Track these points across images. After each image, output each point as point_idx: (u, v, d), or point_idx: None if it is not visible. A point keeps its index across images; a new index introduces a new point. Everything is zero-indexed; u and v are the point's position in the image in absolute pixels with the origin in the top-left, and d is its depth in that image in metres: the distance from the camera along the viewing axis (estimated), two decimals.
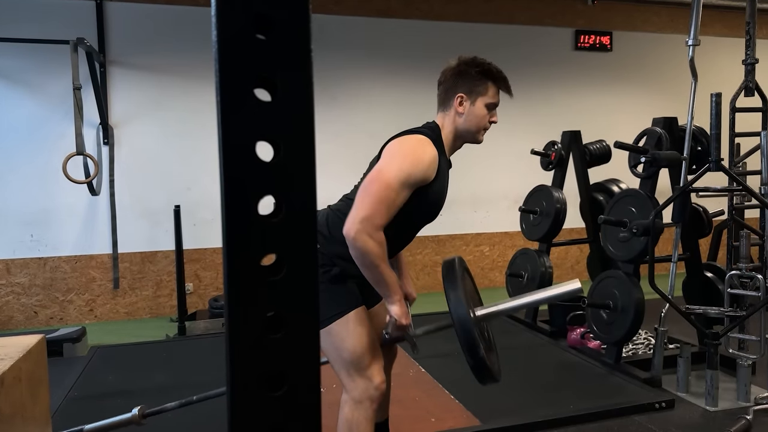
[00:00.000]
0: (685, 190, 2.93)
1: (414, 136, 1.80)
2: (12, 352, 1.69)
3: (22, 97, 4.51)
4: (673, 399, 2.84)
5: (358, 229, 1.62)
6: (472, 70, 1.86)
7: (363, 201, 1.65)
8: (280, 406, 0.48)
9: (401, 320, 1.75)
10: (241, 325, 0.47)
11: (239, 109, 0.45)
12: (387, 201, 1.65)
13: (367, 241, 1.62)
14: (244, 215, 0.46)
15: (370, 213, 1.63)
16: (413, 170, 1.70)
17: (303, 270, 0.48)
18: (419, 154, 1.73)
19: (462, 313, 1.73)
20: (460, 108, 1.86)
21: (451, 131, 1.88)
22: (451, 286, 1.77)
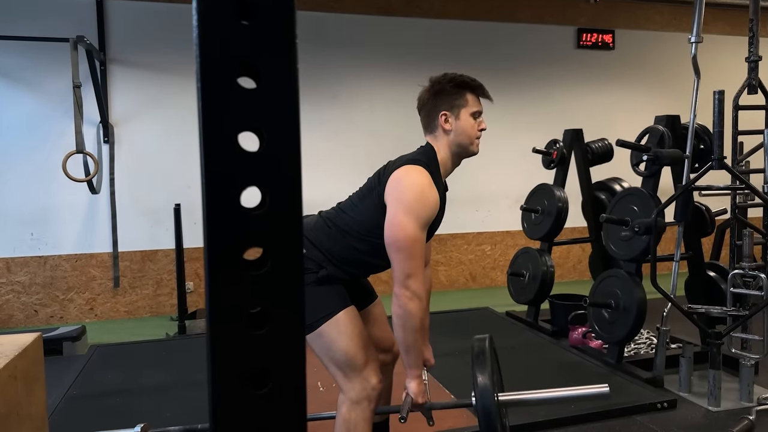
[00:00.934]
0: (687, 188, 2.91)
1: (415, 168, 1.78)
2: (7, 350, 1.68)
3: (22, 96, 4.50)
4: (675, 399, 2.82)
5: (412, 291, 1.70)
6: (446, 86, 1.86)
7: (402, 261, 1.71)
8: (264, 405, 0.46)
9: (417, 399, 1.80)
10: (222, 321, 0.45)
11: (221, 97, 0.43)
12: (420, 252, 1.72)
13: (417, 304, 1.70)
14: (226, 207, 0.44)
15: (413, 269, 1.70)
16: (425, 214, 1.75)
17: (288, 264, 0.46)
18: (427, 196, 1.75)
19: (488, 401, 1.74)
20: (446, 125, 1.86)
21: (446, 150, 1.88)
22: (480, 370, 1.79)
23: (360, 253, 1.79)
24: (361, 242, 1.80)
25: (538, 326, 4.11)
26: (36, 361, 1.87)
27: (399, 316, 1.71)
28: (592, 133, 4.37)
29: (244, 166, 0.45)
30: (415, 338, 1.73)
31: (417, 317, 1.70)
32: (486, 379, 1.76)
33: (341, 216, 1.85)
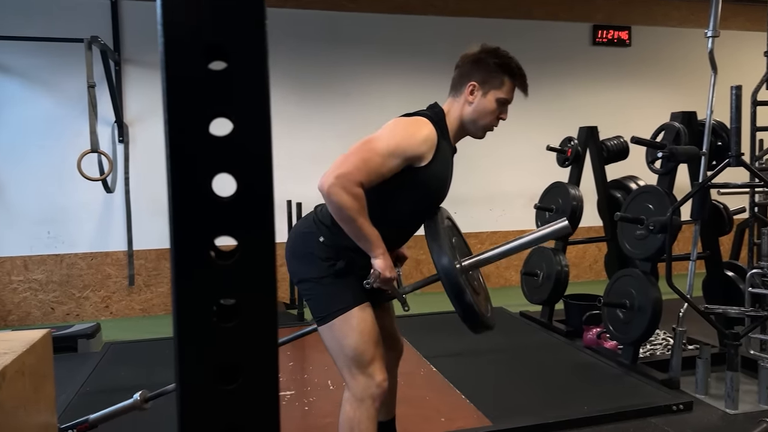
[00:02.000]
0: (703, 185, 2.84)
1: (412, 117, 1.77)
2: (15, 346, 1.69)
3: (39, 96, 4.56)
4: (692, 401, 2.76)
5: (332, 183, 1.60)
6: (491, 60, 1.79)
7: (343, 159, 1.64)
8: (234, 401, 0.45)
9: (385, 273, 1.71)
10: (189, 312, 0.43)
11: (188, 78, 0.42)
12: (369, 163, 1.63)
13: (342, 195, 1.60)
14: (193, 193, 0.43)
15: (348, 170, 1.61)
16: (403, 143, 1.68)
17: (259, 253, 0.44)
18: (412, 130, 1.70)
19: (445, 261, 1.71)
20: (470, 97, 1.80)
21: (457, 119, 1.82)
22: (433, 237, 1.75)
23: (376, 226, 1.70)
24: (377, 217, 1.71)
25: (552, 327, 4.06)
26: (44, 358, 1.88)
27: (332, 211, 1.64)
28: (608, 131, 4.31)
29: (213, 151, 0.43)
30: (359, 225, 1.63)
31: (347, 207, 1.60)
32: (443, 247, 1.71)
33: None
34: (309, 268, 1.77)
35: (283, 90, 5.07)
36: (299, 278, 1.80)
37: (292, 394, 2.97)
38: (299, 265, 1.80)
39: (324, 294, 1.74)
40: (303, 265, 1.79)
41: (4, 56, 4.48)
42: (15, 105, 4.53)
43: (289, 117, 5.08)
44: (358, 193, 1.62)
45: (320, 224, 1.78)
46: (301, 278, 1.79)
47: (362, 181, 1.62)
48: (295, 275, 1.82)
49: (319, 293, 1.76)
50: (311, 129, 5.13)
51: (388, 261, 1.72)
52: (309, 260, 1.77)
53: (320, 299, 1.75)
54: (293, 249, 1.83)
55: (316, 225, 1.79)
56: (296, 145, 5.08)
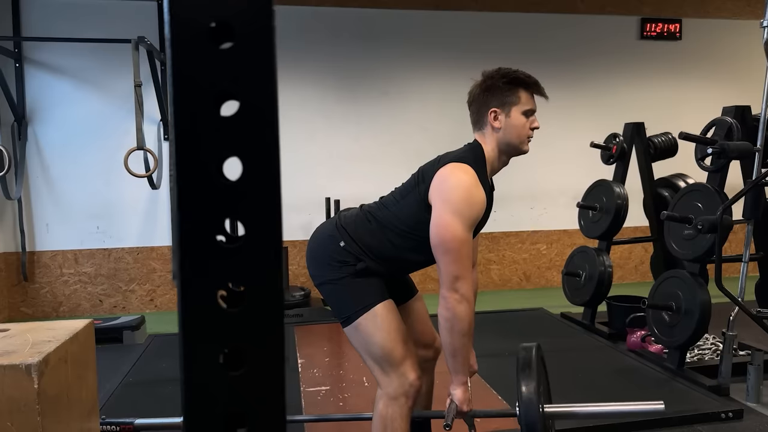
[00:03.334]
0: (757, 183, 2.71)
1: (461, 167, 1.73)
2: (59, 335, 1.75)
3: (89, 96, 4.73)
4: (742, 409, 2.63)
5: (461, 294, 1.66)
6: (499, 82, 1.78)
7: (449, 263, 1.67)
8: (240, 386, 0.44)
9: (462, 407, 1.75)
10: (194, 298, 0.43)
11: (193, 57, 0.41)
12: (467, 254, 1.68)
13: (466, 307, 1.66)
14: (200, 176, 0.42)
15: (461, 272, 1.66)
16: (471, 214, 1.70)
17: (266, 237, 0.43)
18: (473, 196, 1.70)
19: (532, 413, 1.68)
20: (495, 123, 1.79)
21: (494, 148, 1.81)
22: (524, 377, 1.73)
23: (398, 250, 1.75)
24: (401, 238, 1.76)
25: (595, 329, 3.95)
26: (87, 347, 1.93)
27: (447, 319, 1.67)
28: (657, 128, 4.16)
29: (220, 133, 0.42)
30: (463, 343, 1.68)
31: (465, 321, 1.66)
32: (531, 390, 1.69)
33: (383, 211, 1.82)
34: (328, 271, 1.78)
35: (322, 88, 5.10)
36: (319, 281, 1.82)
37: (328, 389, 2.98)
38: (318, 267, 1.82)
39: (345, 295, 1.75)
40: (322, 267, 1.80)
41: (58, 58, 4.66)
42: (68, 105, 4.71)
43: (327, 115, 5.11)
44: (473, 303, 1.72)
45: (342, 230, 1.80)
46: (321, 281, 1.81)
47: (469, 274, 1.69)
48: (315, 278, 1.84)
49: (339, 294, 1.76)
50: (349, 127, 5.15)
51: (467, 394, 1.76)
52: (328, 262, 1.79)
53: (341, 300, 1.76)
54: (313, 252, 1.85)
55: (338, 230, 1.81)
56: (334, 143, 5.10)
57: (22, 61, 4.60)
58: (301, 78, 5.04)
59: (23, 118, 4.60)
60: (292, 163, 5.04)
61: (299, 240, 4.98)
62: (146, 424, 2.26)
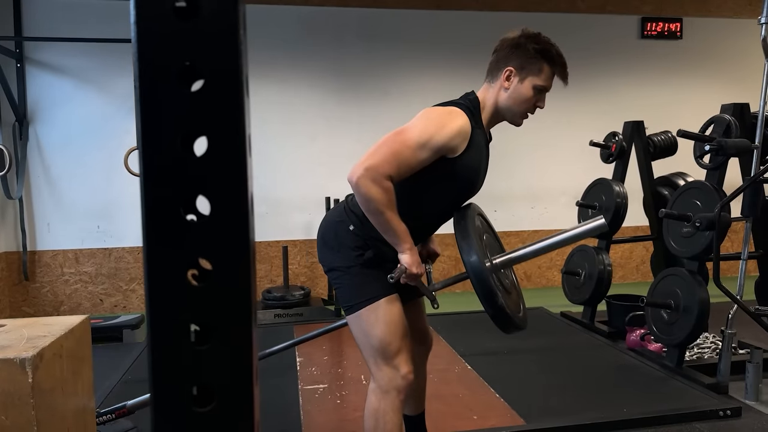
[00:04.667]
0: (755, 180, 2.70)
1: (446, 107, 1.73)
2: (55, 330, 1.75)
3: (90, 95, 4.74)
4: (740, 407, 2.62)
5: (361, 175, 1.58)
6: (530, 45, 1.73)
7: (373, 151, 1.62)
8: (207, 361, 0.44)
9: (411, 269, 1.67)
10: (162, 269, 0.43)
11: (156, 28, 0.41)
12: (399, 155, 1.61)
13: (370, 187, 1.58)
14: (165, 151, 0.42)
15: (378, 162, 1.59)
16: (435, 134, 1.64)
17: (231, 213, 0.44)
18: (445, 120, 1.66)
19: (474, 260, 1.66)
20: (506, 83, 1.75)
21: (492, 105, 1.78)
22: (463, 234, 1.70)
23: (406, 219, 1.69)
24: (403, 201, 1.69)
25: (594, 327, 3.94)
26: (83, 342, 1.94)
27: (360, 202, 1.62)
28: (658, 128, 4.15)
29: (184, 107, 0.42)
30: (387, 218, 1.61)
31: (376, 199, 1.58)
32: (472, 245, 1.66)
33: None
34: (338, 257, 1.77)
35: (322, 89, 5.11)
36: (328, 267, 1.81)
37: (326, 387, 2.98)
38: (328, 253, 1.80)
39: (352, 283, 1.74)
40: (332, 253, 1.79)
41: (59, 58, 4.68)
42: (68, 104, 4.72)
43: (328, 116, 5.11)
44: (387, 186, 1.60)
45: (351, 213, 1.78)
46: (330, 267, 1.80)
47: (391, 174, 1.60)
48: (325, 263, 1.83)
49: (347, 282, 1.75)
50: (350, 127, 5.15)
51: (416, 257, 1.69)
52: (338, 249, 1.77)
53: (348, 288, 1.75)
54: (323, 237, 1.83)
55: (347, 214, 1.79)
56: (335, 143, 5.11)
57: (24, 61, 4.62)
58: (302, 78, 5.05)
59: (24, 118, 4.62)
60: (293, 163, 5.05)
61: (299, 239, 4.98)
62: (138, 403, 2.27)
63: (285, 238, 4.94)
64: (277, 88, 4.97)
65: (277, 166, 4.99)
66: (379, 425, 1.72)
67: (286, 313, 4.35)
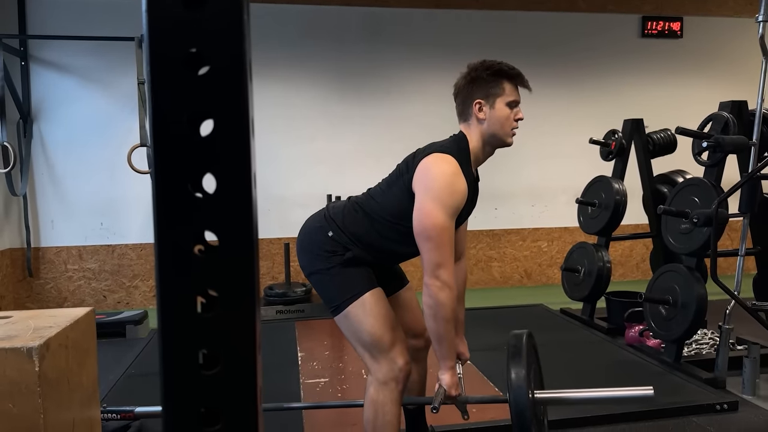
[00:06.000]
0: (752, 176, 2.72)
1: (443, 157, 1.76)
2: (60, 321, 1.78)
3: (93, 93, 4.78)
4: (737, 401, 2.65)
5: (442, 281, 1.68)
6: (483, 73, 1.81)
7: (431, 250, 1.69)
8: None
9: (450, 391, 1.78)
10: (171, 243, 0.46)
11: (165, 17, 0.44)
12: (449, 241, 1.70)
13: (447, 294, 1.68)
14: (175, 135, 0.45)
15: (442, 259, 1.68)
16: (454, 202, 1.72)
17: (237, 188, 0.47)
18: (455, 185, 1.73)
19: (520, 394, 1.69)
20: (480, 114, 1.82)
21: (479, 139, 1.84)
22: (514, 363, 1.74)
23: (384, 240, 1.79)
24: (387, 229, 1.80)
25: (594, 324, 3.97)
26: (87, 334, 1.97)
27: (429, 306, 1.69)
28: (658, 126, 4.18)
29: (191, 89, 0.45)
30: (447, 329, 1.71)
31: (448, 307, 1.68)
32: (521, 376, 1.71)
33: (369, 202, 1.86)
34: (317, 260, 1.82)
35: (324, 88, 5.14)
36: (309, 271, 1.85)
37: (327, 381, 3.01)
38: (308, 258, 1.85)
39: (334, 284, 1.79)
40: (311, 258, 1.84)
41: (63, 56, 4.72)
42: (72, 102, 4.76)
43: (329, 115, 5.14)
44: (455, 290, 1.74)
45: (330, 220, 1.84)
46: (311, 270, 1.84)
47: (453, 263, 1.72)
48: (305, 268, 1.87)
49: (329, 284, 1.80)
50: (352, 126, 5.18)
51: (455, 378, 1.80)
52: (317, 253, 1.82)
53: (331, 289, 1.80)
54: (302, 242, 1.88)
55: (327, 221, 1.85)
56: (337, 142, 5.14)
57: (28, 59, 4.66)
58: (303, 77, 5.08)
59: (28, 116, 4.66)
60: (295, 161, 5.08)
61: None
62: (146, 412, 2.29)
63: (287, 235, 4.97)
64: (279, 87, 5.01)
65: (280, 164, 5.02)
66: (378, 416, 1.76)
67: (287, 310, 4.38)
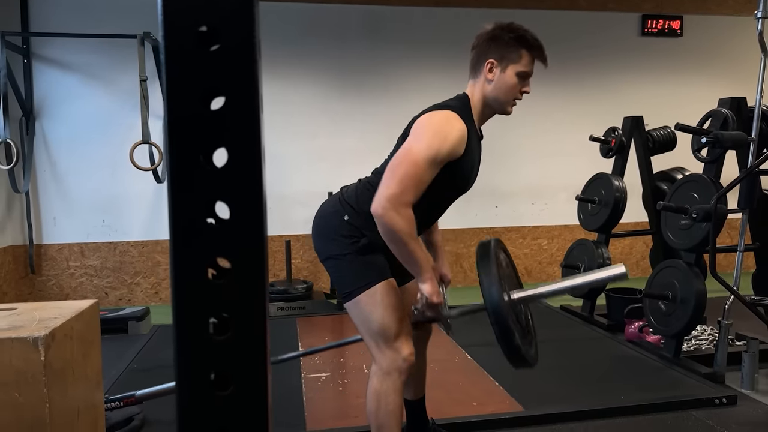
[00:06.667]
0: (750, 171, 2.74)
1: (442, 111, 1.76)
2: (65, 313, 1.80)
3: (95, 91, 4.79)
4: (736, 395, 2.67)
5: (385, 207, 1.61)
6: (506, 35, 1.78)
7: (390, 179, 1.64)
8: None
9: (432, 298, 1.74)
10: (187, 211, 0.48)
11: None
12: (415, 178, 1.64)
13: (395, 218, 1.61)
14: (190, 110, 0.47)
15: (398, 191, 1.62)
16: (441, 147, 1.68)
17: (247, 160, 0.48)
18: (447, 130, 1.70)
19: (495, 297, 1.68)
20: (489, 75, 1.80)
21: (480, 99, 1.83)
22: (485, 269, 1.72)
23: None
24: None
25: (594, 320, 3.98)
26: (91, 325, 1.99)
27: (384, 234, 1.65)
28: (658, 124, 4.19)
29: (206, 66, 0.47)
30: (410, 249, 1.66)
31: (400, 229, 1.61)
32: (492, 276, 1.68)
33: (377, 177, 1.85)
34: (333, 246, 1.82)
35: (325, 86, 5.16)
36: (324, 256, 1.85)
37: (328, 375, 3.03)
38: (323, 242, 1.85)
39: (348, 271, 1.79)
40: (327, 242, 1.84)
41: (65, 54, 4.74)
42: (74, 100, 4.78)
43: (330, 112, 5.16)
44: (409, 215, 1.64)
45: (345, 204, 1.84)
46: (326, 256, 1.85)
47: (412, 199, 1.65)
48: (321, 253, 1.87)
49: (343, 270, 1.80)
50: (353, 123, 5.20)
51: (435, 286, 1.76)
52: (332, 238, 1.82)
53: (345, 276, 1.80)
54: (318, 228, 1.88)
55: (342, 204, 1.84)
56: (338, 139, 5.16)
57: (30, 56, 4.68)
58: (304, 74, 5.10)
59: (31, 113, 4.68)
60: (296, 158, 5.10)
61: (302, 234, 5.03)
62: (146, 394, 2.32)
63: (288, 233, 4.99)
64: (280, 84, 5.02)
65: (281, 162, 5.04)
66: (381, 406, 1.77)
67: (289, 306, 4.40)
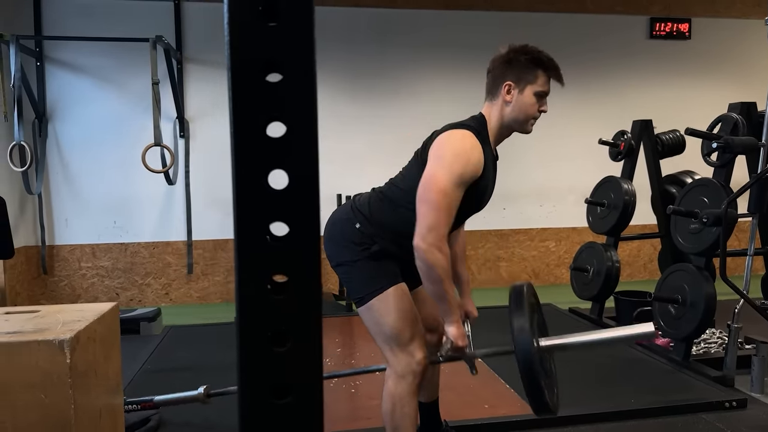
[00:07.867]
0: (761, 176, 2.76)
1: (459, 131, 1.79)
2: (88, 315, 1.84)
3: (107, 94, 4.85)
4: (746, 399, 2.68)
5: (429, 243, 1.65)
6: (521, 57, 1.82)
7: (425, 212, 1.68)
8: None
9: (457, 342, 1.78)
10: (249, 229, 0.51)
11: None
12: (447, 207, 1.68)
13: (437, 255, 1.66)
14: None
15: (435, 222, 1.66)
16: (464, 171, 1.72)
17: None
18: (468, 153, 1.73)
19: (525, 342, 1.71)
20: (507, 96, 1.84)
21: (498, 120, 1.86)
22: (517, 313, 1.76)
23: (409, 225, 1.76)
24: (411, 212, 1.76)
25: (602, 323, 4.00)
26: (112, 328, 2.03)
27: (422, 269, 1.68)
28: (667, 127, 4.21)
29: (268, 97, 0.50)
30: (444, 288, 1.70)
31: (439, 267, 1.66)
32: (524, 324, 1.71)
33: (392, 189, 1.89)
34: (344, 252, 1.85)
35: (334, 89, 5.19)
36: (336, 262, 1.89)
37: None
38: (335, 249, 1.89)
39: (360, 276, 1.82)
40: (339, 249, 1.87)
41: (78, 57, 4.79)
42: (87, 102, 4.83)
43: (340, 115, 5.19)
44: (447, 251, 1.69)
45: (358, 212, 1.87)
46: (338, 262, 1.88)
47: (448, 229, 1.70)
48: (332, 259, 1.91)
49: (355, 276, 1.84)
50: (362, 126, 5.23)
51: (461, 329, 1.80)
52: (344, 245, 1.86)
53: (357, 281, 1.83)
54: (330, 234, 1.92)
55: (354, 212, 1.88)
56: (347, 142, 5.19)
57: (43, 60, 4.73)
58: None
59: (44, 116, 4.73)
60: None
61: None
62: (165, 400, 2.35)
63: None
64: None
65: None
66: (396, 408, 1.80)
67: None
